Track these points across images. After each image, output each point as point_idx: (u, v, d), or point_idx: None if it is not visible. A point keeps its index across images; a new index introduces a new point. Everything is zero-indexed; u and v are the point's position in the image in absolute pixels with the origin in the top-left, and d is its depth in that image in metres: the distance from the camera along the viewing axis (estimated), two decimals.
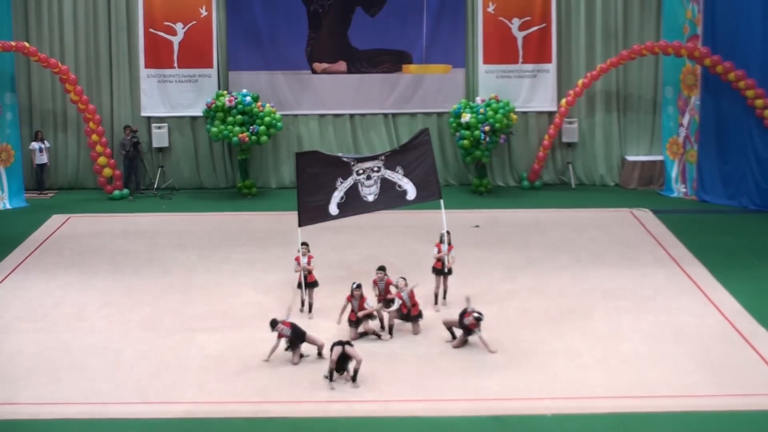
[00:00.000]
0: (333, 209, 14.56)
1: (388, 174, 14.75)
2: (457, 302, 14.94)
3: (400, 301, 14.21)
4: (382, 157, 14.76)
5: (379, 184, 14.72)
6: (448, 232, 15.40)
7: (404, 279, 14.45)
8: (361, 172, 14.54)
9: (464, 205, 21.64)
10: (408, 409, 12.29)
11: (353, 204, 14.68)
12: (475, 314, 13.75)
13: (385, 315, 14.44)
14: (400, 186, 14.81)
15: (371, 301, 14.37)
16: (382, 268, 14.71)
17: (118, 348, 14.15)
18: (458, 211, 20.49)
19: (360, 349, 13.19)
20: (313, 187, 14.50)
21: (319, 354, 13.55)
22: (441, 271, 15.34)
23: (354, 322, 14.32)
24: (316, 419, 12.08)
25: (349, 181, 14.55)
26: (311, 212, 14.58)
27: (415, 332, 14.30)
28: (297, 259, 14.73)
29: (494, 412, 12.17)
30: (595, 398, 12.52)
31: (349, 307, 14.38)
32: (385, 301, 14.45)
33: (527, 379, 13.03)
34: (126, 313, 15.55)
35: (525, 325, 14.93)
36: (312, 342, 13.59)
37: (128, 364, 13.60)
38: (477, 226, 20.10)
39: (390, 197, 14.84)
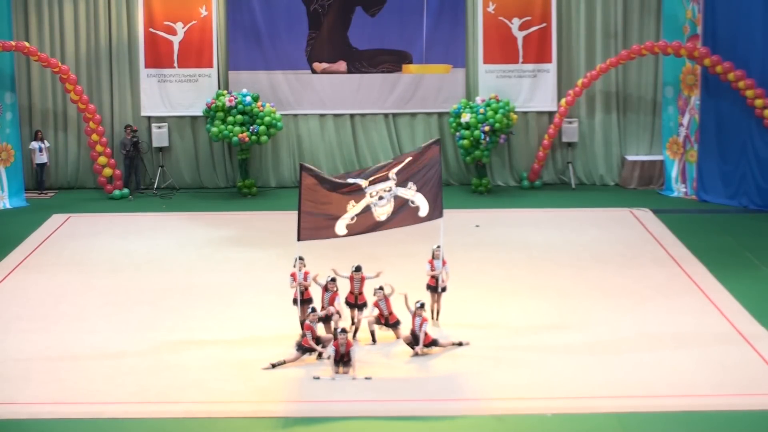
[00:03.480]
0: (340, 230, 13.91)
1: (401, 191, 14.24)
2: (450, 323, 14.77)
3: (377, 310, 14.08)
4: (394, 176, 14.09)
5: (392, 203, 14.20)
6: (439, 247, 14.77)
7: (382, 289, 14.08)
8: (374, 194, 14.04)
9: (464, 205, 21.65)
10: (408, 409, 12.29)
11: (364, 223, 14.05)
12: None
13: (363, 321, 14.34)
14: (413, 202, 14.25)
15: (341, 300, 14.30)
16: (358, 269, 14.43)
17: (118, 348, 14.15)
18: (458, 211, 20.52)
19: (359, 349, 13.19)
20: (319, 204, 13.83)
21: (320, 356, 13.59)
22: (435, 288, 14.83)
23: (351, 304, 14.34)
24: (316, 419, 12.08)
25: (362, 204, 13.92)
26: (314, 228, 13.92)
27: (398, 336, 14.09)
28: (293, 274, 14.25)
29: (494, 412, 12.17)
30: (595, 398, 12.52)
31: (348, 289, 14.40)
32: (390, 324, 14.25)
33: (527, 379, 13.03)
34: (126, 313, 15.55)
35: (525, 325, 14.93)
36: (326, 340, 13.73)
37: (128, 364, 13.60)
38: (477, 226, 20.11)
39: (403, 215, 14.18)
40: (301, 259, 14.26)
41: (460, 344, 14.03)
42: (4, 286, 16.84)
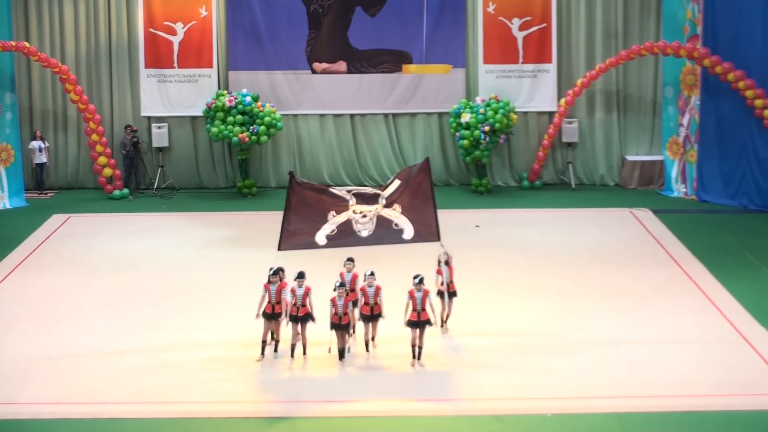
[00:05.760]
0: (320, 239, 13.88)
1: (386, 212, 14.03)
2: (450, 324, 14.66)
3: (362, 298, 13.75)
4: (383, 201, 13.93)
5: (375, 221, 14.07)
6: (446, 253, 14.55)
7: (373, 275, 13.81)
8: (357, 211, 13.89)
9: (464, 205, 21.67)
10: (408, 409, 12.29)
11: (345, 237, 13.97)
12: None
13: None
14: (396, 225, 14.08)
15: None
16: (350, 260, 14.23)
17: (118, 348, 14.15)
18: (458, 211, 20.53)
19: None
20: (302, 214, 13.88)
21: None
22: (445, 293, 14.56)
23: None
24: (316, 419, 12.08)
25: (343, 216, 13.88)
26: (294, 238, 13.91)
27: (372, 331, 13.82)
28: (266, 286, 13.72)
29: (494, 412, 12.18)
30: (595, 398, 12.52)
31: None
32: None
33: (527, 379, 13.03)
34: (126, 313, 15.55)
35: (525, 325, 14.94)
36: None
37: (128, 364, 13.60)
38: (477, 226, 20.12)
39: (386, 234, 14.05)
40: (281, 270, 13.85)
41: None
42: (4, 286, 16.84)
